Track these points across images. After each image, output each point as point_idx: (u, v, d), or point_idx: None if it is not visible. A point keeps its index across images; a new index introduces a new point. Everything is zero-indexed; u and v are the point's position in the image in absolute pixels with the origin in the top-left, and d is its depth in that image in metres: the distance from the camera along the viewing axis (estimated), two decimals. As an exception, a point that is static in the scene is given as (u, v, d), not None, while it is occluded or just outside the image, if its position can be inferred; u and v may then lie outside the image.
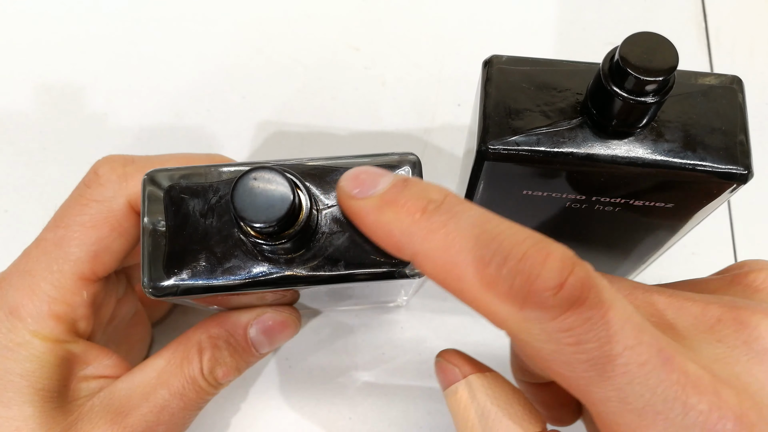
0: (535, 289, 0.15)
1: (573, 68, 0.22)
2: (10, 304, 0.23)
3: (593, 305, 0.15)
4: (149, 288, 0.20)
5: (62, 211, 0.24)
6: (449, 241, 0.16)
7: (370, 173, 0.18)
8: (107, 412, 0.23)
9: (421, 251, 0.17)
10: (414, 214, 0.17)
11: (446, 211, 0.17)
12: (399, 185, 0.18)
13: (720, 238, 0.36)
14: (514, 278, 0.15)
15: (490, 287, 0.16)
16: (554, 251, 0.15)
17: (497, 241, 0.16)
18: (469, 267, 0.16)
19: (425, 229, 0.17)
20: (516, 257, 0.15)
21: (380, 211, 0.17)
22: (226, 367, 0.24)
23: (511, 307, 0.15)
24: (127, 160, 0.24)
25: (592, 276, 0.15)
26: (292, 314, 0.25)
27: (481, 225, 0.16)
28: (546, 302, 0.15)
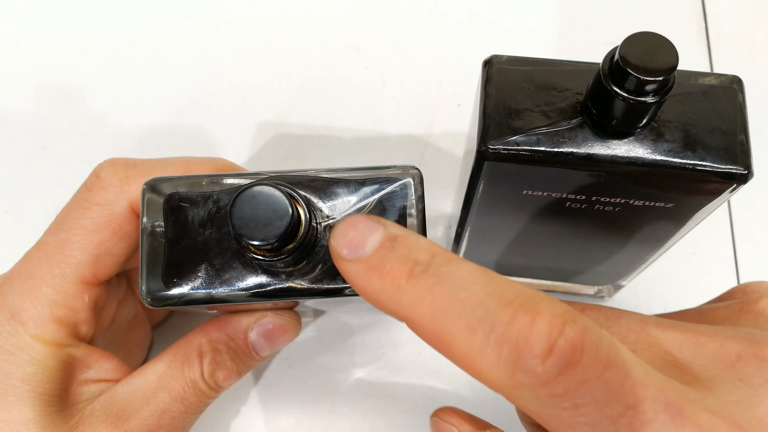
0: (523, 357, 0.14)
1: (573, 68, 0.22)
2: (12, 307, 0.23)
3: (587, 366, 0.14)
4: (147, 298, 0.20)
5: (64, 214, 0.24)
6: (435, 308, 0.16)
7: (359, 230, 0.17)
8: (108, 415, 0.23)
9: (409, 318, 0.16)
10: (399, 280, 0.16)
11: (432, 275, 0.16)
12: (386, 246, 0.17)
13: (720, 238, 0.36)
14: (501, 346, 0.15)
15: (480, 355, 0.15)
16: (543, 310, 0.15)
17: (484, 306, 0.15)
18: (456, 336, 0.15)
19: (411, 295, 0.16)
20: (502, 323, 0.15)
21: (367, 277, 0.17)
22: (226, 371, 0.24)
23: (503, 374, 0.15)
24: (129, 163, 0.24)
25: (586, 332, 0.15)
26: (292, 318, 0.25)
27: (468, 288, 0.16)
28: (535, 370, 0.14)
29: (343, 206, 0.20)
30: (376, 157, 0.38)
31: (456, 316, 0.15)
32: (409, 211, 0.21)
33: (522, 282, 0.16)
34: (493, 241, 0.29)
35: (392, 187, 0.21)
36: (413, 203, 0.21)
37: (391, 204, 0.21)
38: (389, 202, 0.21)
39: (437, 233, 0.37)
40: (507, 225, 0.27)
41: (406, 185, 0.21)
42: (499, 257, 0.31)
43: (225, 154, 0.38)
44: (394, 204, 0.21)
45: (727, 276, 0.36)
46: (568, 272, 0.32)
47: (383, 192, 0.21)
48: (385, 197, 0.21)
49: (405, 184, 0.21)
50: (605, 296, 0.35)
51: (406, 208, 0.21)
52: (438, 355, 0.35)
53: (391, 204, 0.21)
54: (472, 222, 0.27)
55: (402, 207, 0.21)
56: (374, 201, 0.21)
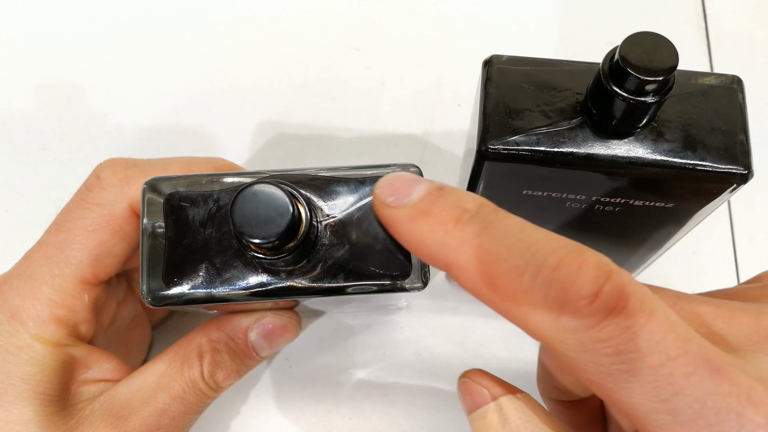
0: (570, 298, 0.15)
1: (573, 68, 0.22)
2: (12, 307, 0.23)
3: (632, 313, 0.14)
4: (148, 297, 0.20)
5: (64, 214, 0.24)
6: (482, 251, 0.16)
7: (405, 180, 0.18)
8: (108, 415, 0.23)
9: (454, 262, 0.17)
10: (447, 224, 0.17)
11: (480, 221, 0.16)
12: (433, 194, 0.17)
13: (720, 238, 0.36)
14: (548, 288, 0.15)
15: (525, 297, 0.15)
16: (589, 259, 0.15)
17: (531, 251, 0.15)
18: (502, 277, 0.16)
19: (458, 239, 0.16)
20: (550, 266, 0.15)
21: (414, 221, 0.17)
22: (226, 371, 0.24)
23: (547, 317, 0.15)
24: (129, 163, 0.24)
25: (631, 283, 0.15)
26: (292, 318, 0.25)
27: (515, 234, 0.16)
28: (582, 311, 0.14)
29: (344, 205, 0.20)
30: (376, 157, 0.38)
31: (503, 258, 0.16)
32: None
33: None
34: (493, 241, 0.29)
35: None
36: None
37: None
38: None
39: (437, 233, 0.37)
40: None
41: None
42: (499, 257, 0.31)
43: (225, 154, 0.38)
44: None
45: (727, 276, 0.36)
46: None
47: None
48: None
49: None
50: (605, 296, 0.35)
51: None
52: (438, 355, 0.35)
53: None
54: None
55: None
56: None
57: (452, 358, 0.34)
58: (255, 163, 0.38)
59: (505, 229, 0.16)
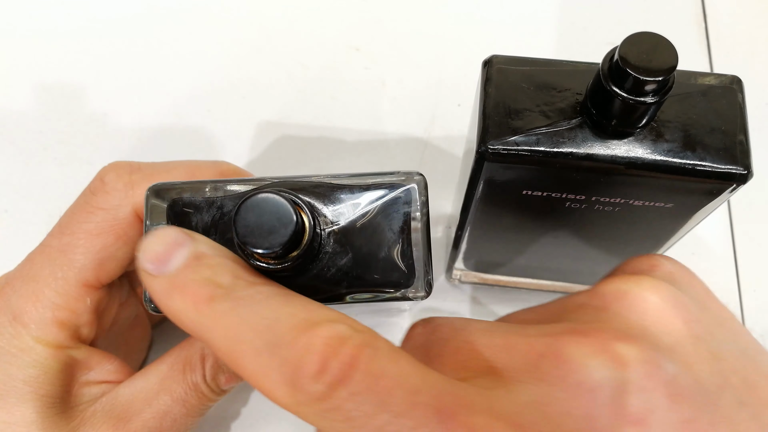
0: (298, 377, 0.15)
1: (573, 68, 0.22)
2: (14, 309, 0.23)
3: (358, 380, 0.15)
4: (151, 304, 0.20)
5: (67, 217, 0.24)
6: (228, 332, 0.16)
7: (166, 244, 0.18)
8: (109, 417, 0.23)
9: (207, 340, 0.17)
10: (200, 304, 0.17)
11: (231, 299, 0.17)
12: (190, 266, 0.17)
13: (720, 238, 0.36)
14: (282, 367, 0.15)
15: (266, 376, 0.16)
16: (321, 333, 0.15)
17: (271, 330, 0.16)
18: (245, 357, 0.16)
19: (210, 319, 0.17)
20: (284, 345, 0.16)
21: (170, 296, 0.17)
22: (228, 374, 0.24)
23: (285, 393, 0.16)
24: (134, 167, 0.24)
25: (363, 348, 0.15)
26: None
27: (260, 311, 0.16)
28: (308, 388, 0.15)
29: (347, 212, 0.20)
30: (376, 157, 0.38)
31: (245, 340, 0.16)
32: (413, 216, 0.21)
33: (331, 307, 0.17)
34: (493, 241, 0.29)
35: (396, 193, 0.21)
36: (417, 209, 0.21)
37: (394, 210, 0.21)
38: (393, 208, 0.21)
39: (437, 233, 0.37)
40: (507, 225, 0.27)
41: (410, 191, 0.21)
42: (498, 257, 0.31)
43: (225, 154, 0.38)
44: (397, 210, 0.21)
45: (727, 276, 0.36)
46: (568, 272, 0.32)
47: (387, 198, 0.21)
48: (389, 203, 0.21)
49: (409, 190, 0.21)
50: (605, 296, 0.35)
51: (410, 214, 0.21)
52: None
53: (395, 210, 0.21)
54: (472, 222, 0.27)
55: (406, 213, 0.21)
56: (378, 207, 0.21)
57: (452, 358, 0.34)
58: (255, 164, 0.38)
59: (252, 307, 0.17)
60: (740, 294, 0.35)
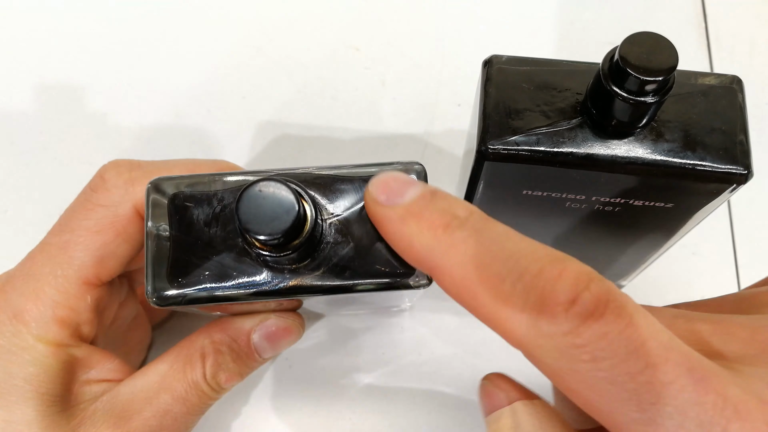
0: (547, 304, 0.15)
1: (573, 68, 0.22)
2: (14, 308, 0.23)
3: (610, 320, 0.14)
4: (153, 297, 0.20)
5: (67, 215, 0.24)
6: (467, 257, 0.16)
7: (399, 181, 0.18)
8: (110, 416, 0.23)
9: (439, 266, 0.17)
10: (436, 229, 0.17)
11: (468, 228, 0.17)
12: (426, 197, 0.18)
13: (720, 238, 0.36)
14: (528, 294, 0.15)
15: (505, 303, 0.15)
16: (570, 267, 0.15)
17: (514, 258, 0.16)
18: (484, 283, 0.16)
19: (446, 244, 0.17)
20: (531, 273, 0.15)
21: (404, 222, 0.17)
22: (228, 373, 0.24)
23: (525, 322, 0.15)
24: (134, 164, 0.24)
25: (611, 291, 0.15)
26: (295, 320, 0.25)
27: (500, 242, 0.16)
28: (559, 316, 0.14)
29: (348, 203, 0.20)
30: (376, 157, 0.38)
31: (487, 265, 0.16)
32: None
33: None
34: (493, 241, 0.29)
35: None
36: None
37: None
38: None
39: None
40: (507, 225, 0.27)
41: None
42: (499, 257, 0.31)
43: (225, 154, 0.38)
44: None
45: (727, 276, 0.36)
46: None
47: None
48: None
49: None
50: (605, 296, 0.35)
51: None
52: (438, 356, 0.35)
53: None
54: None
55: None
56: None
57: (453, 358, 0.34)
58: (255, 163, 0.38)
59: (491, 237, 0.16)
60: (740, 294, 0.35)
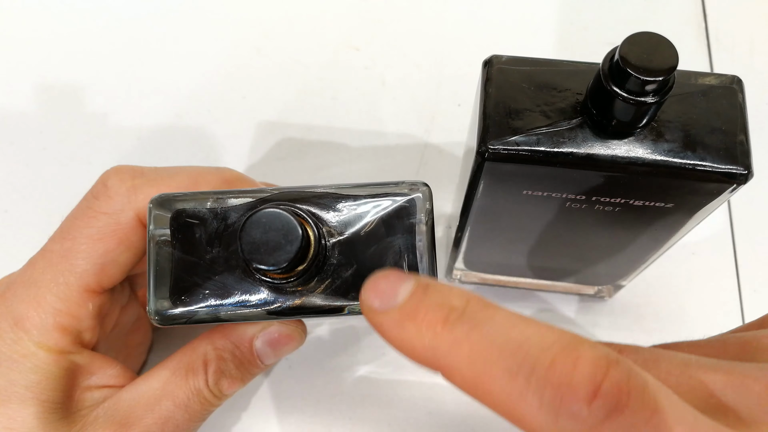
0: (566, 401, 0.14)
1: (573, 68, 0.22)
2: (15, 315, 0.23)
3: (636, 410, 0.14)
4: (155, 316, 0.20)
5: (69, 222, 0.24)
6: (474, 354, 0.15)
7: (389, 281, 0.17)
8: (111, 422, 0.23)
9: (446, 366, 0.16)
10: (435, 327, 0.16)
11: (469, 320, 0.16)
12: (418, 294, 0.17)
13: (720, 238, 0.36)
14: (543, 390, 0.14)
15: (521, 400, 0.15)
16: (584, 353, 0.14)
17: (524, 350, 0.15)
18: (496, 381, 0.15)
19: (448, 342, 0.16)
20: (543, 366, 0.14)
21: (401, 326, 0.17)
22: (231, 379, 0.24)
23: (544, 419, 0.14)
24: (136, 172, 0.24)
25: (632, 375, 0.14)
26: (298, 327, 0.25)
27: (506, 332, 0.15)
28: (580, 414, 0.14)
29: (351, 223, 0.20)
30: (376, 157, 0.38)
31: (495, 361, 0.15)
32: (418, 227, 0.21)
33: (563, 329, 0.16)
34: (493, 241, 0.29)
35: (401, 203, 0.21)
36: (422, 219, 0.21)
37: (399, 220, 0.21)
38: (398, 218, 0.21)
39: (437, 233, 0.37)
40: (507, 225, 0.27)
41: (414, 201, 0.20)
42: (499, 257, 0.31)
43: (225, 154, 0.38)
44: (402, 220, 0.20)
45: (727, 276, 0.36)
46: (568, 272, 0.32)
47: (392, 208, 0.21)
48: (394, 213, 0.21)
49: (414, 200, 0.20)
50: (605, 296, 0.35)
51: (415, 224, 0.21)
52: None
53: (400, 220, 0.21)
54: (472, 222, 0.27)
55: (410, 224, 0.20)
56: (383, 217, 0.21)
57: (452, 358, 0.34)
58: (255, 164, 0.38)
59: (495, 327, 0.16)
60: (740, 294, 0.35)
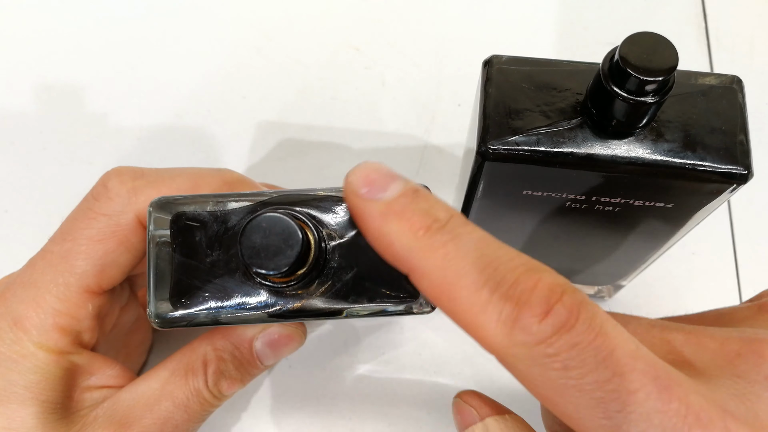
0: (522, 315, 0.15)
1: (573, 68, 0.22)
2: (15, 315, 0.23)
3: (581, 331, 0.15)
4: (155, 319, 0.20)
5: (69, 223, 0.24)
6: (447, 261, 0.16)
7: (381, 173, 0.18)
8: (111, 422, 0.23)
9: (418, 267, 0.17)
10: (417, 231, 0.17)
11: (449, 232, 0.17)
12: (408, 195, 0.18)
13: (720, 238, 0.36)
14: (504, 303, 0.15)
15: (482, 311, 0.16)
16: (544, 278, 0.16)
17: (492, 266, 0.16)
18: (463, 289, 0.16)
19: (426, 247, 0.17)
20: (507, 283, 0.16)
21: (385, 219, 0.17)
22: (230, 380, 0.24)
23: (500, 330, 0.16)
24: (137, 173, 0.24)
25: (583, 303, 0.15)
26: (298, 328, 0.25)
27: (480, 249, 0.16)
28: (532, 327, 0.15)
29: (351, 225, 0.20)
30: (376, 157, 0.38)
31: (465, 272, 0.16)
32: None
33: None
34: (493, 241, 0.29)
35: None
36: None
37: None
38: None
39: (437, 233, 0.37)
40: (507, 225, 0.27)
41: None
42: (499, 257, 0.31)
43: (225, 154, 0.38)
44: None
45: (727, 276, 0.36)
46: (568, 272, 0.32)
47: None
48: None
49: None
50: (605, 296, 0.35)
51: None
52: (438, 355, 0.35)
53: None
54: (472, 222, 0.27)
55: None
56: None
57: (453, 357, 0.34)
58: (255, 164, 0.38)
59: (471, 243, 0.17)
60: (740, 294, 0.35)
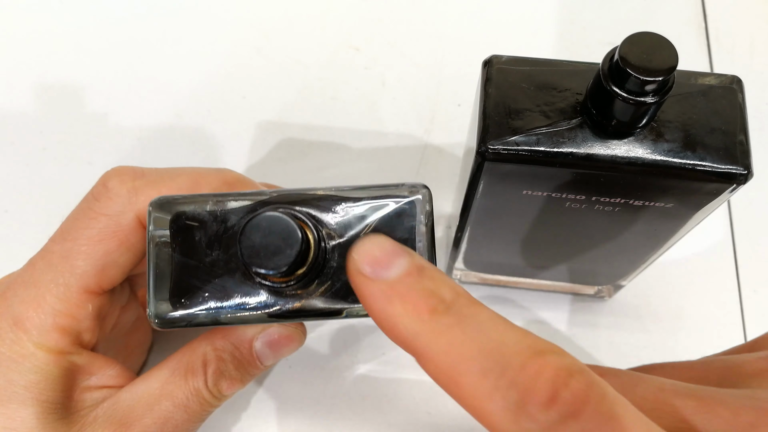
0: (527, 403, 0.15)
1: (573, 68, 0.22)
2: (15, 315, 0.23)
3: (590, 417, 0.14)
4: (155, 319, 0.20)
5: (69, 223, 0.24)
6: (452, 347, 0.16)
7: (385, 251, 0.17)
8: (111, 422, 0.23)
9: (423, 352, 0.17)
10: (422, 314, 0.16)
11: (455, 314, 0.16)
12: (413, 274, 0.17)
13: (720, 238, 0.36)
14: (510, 391, 0.15)
15: (489, 399, 0.15)
16: (549, 362, 0.15)
17: (499, 351, 0.16)
18: (468, 376, 0.16)
19: (431, 330, 0.16)
20: (514, 369, 0.15)
21: (388, 301, 0.17)
22: (230, 380, 0.24)
23: (507, 419, 0.15)
24: (137, 173, 0.24)
25: (592, 385, 0.15)
26: (297, 328, 0.25)
27: (486, 332, 0.16)
28: (537, 416, 0.15)
29: (352, 225, 0.20)
30: (376, 157, 0.38)
31: (471, 357, 0.16)
32: (418, 228, 0.21)
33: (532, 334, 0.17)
34: (492, 241, 0.29)
35: (401, 205, 0.21)
36: (422, 221, 0.21)
37: (399, 222, 0.20)
38: (398, 220, 0.20)
39: (437, 233, 0.37)
40: (507, 225, 0.27)
41: (415, 203, 0.20)
42: (498, 257, 0.31)
43: (225, 154, 0.38)
44: (402, 222, 0.20)
45: (727, 276, 0.36)
46: (568, 272, 0.32)
47: (392, 210, 0.21)
48: (394, 216, 0.21)
49: (414, 202, 0.20)
50: (605, 296, 0.35)
51: (415, 227, 0.21)
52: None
53: (400, 222, 0.20)
54: (472, 222, 0.27)
55: (411, 226, 0.20)
56: (383, 219, 0.21)
57: (452, 358, 0.34)
58: (255, 164, 0.38)
59: (477, 325, 0.16)
60: (740, 294, 0.35)
